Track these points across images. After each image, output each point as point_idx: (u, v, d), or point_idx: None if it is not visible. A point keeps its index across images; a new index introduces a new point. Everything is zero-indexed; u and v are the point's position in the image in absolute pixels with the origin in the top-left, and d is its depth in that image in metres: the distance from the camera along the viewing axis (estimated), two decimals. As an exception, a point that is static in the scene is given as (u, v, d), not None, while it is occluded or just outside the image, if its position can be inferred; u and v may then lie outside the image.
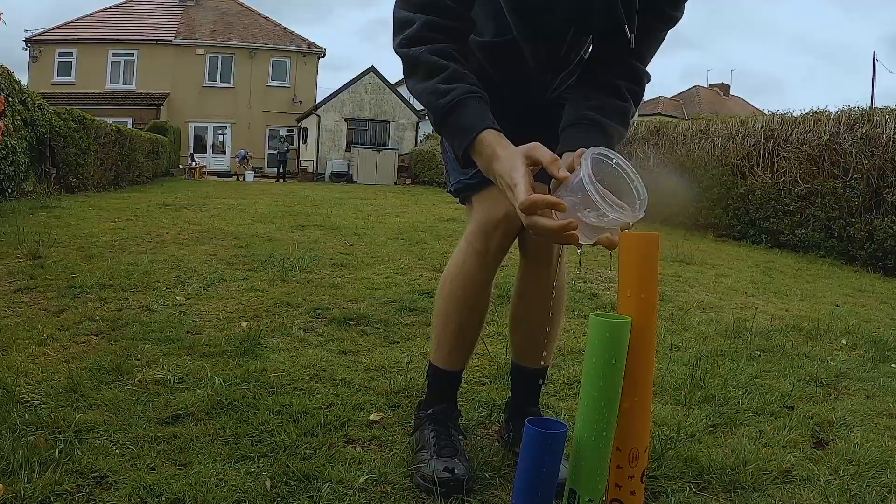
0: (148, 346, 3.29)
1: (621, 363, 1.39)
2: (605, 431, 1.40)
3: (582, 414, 1.40)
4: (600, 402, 1.38)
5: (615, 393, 1.40)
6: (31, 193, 11.27)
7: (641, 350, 1.43)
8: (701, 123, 12.58)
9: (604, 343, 1.37)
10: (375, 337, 3.65)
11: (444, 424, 2.17)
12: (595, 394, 1.38)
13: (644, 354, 1.44)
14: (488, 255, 2.07)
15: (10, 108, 9.75)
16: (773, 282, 6.66)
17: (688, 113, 44.75)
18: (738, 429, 2.63)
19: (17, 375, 2.80)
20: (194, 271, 5.16)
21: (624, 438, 1.45)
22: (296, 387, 2.81)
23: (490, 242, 2.04)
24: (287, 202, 13.05)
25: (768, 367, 3.51)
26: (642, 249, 1.43)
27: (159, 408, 2.51)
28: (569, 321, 4.24)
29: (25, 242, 5.83)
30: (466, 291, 2.14)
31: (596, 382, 1.37)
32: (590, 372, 1.38)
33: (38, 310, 4.01)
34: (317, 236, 7.57)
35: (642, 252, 1.43)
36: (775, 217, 10.32)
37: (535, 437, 1.40)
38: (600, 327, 1.38)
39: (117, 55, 38.41)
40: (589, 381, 1.39)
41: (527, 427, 1.41)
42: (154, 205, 10.96)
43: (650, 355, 1.46)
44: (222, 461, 2.10)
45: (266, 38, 40.99)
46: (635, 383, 1.44)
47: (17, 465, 1.98)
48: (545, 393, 2.89)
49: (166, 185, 19.32)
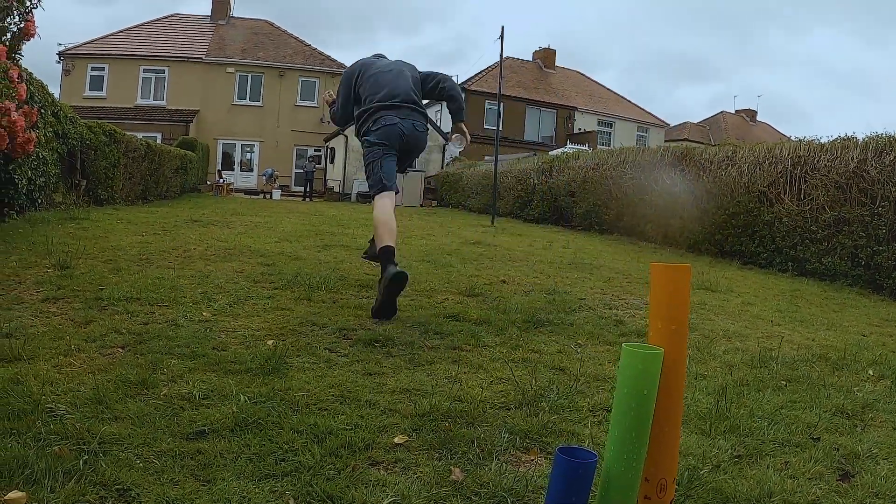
0: (174, 361, 3.30)
1: (652, 394, 1.38)
2: (635, 462, 1.39)
3: (612, 444, 1.39)
4: (631, 433, 1.37)
5: (646, 423, 1.39)
6: (61, 204, 11.36)
7: (672, 381, 1.42)
8: (728, 150, 12.49)
9: (636, 374, 1.37)
10: (400, 359, 3.64)
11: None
12: (626, 424, 1.37)
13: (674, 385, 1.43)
14: None
15: (43, 120, 9.85)
16: (799, 310, 6.58)
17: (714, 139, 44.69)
18: (764, 460, 2.59)
19: (44, 384, 2.82)
20: (221, 288, 5.18)
21: (653, 469, 1.43)
22: (321, 407, 2.81)
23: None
24: (313, 221, 13.08)
25: (794, 398, 3.46)
26: (673, 280, 1.43)
27: (184, 423, 2.52)
28: (593, 347, 4.22)
29: (54, 253, 5.87)
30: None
31: (627, 412, 1.36)
32: (621, 402, 1.37)
33: (64, 320, 4.04)
34: (343, 256, 7.57)
35: (673, 283, 1.43)
36: (802, 245, 10.21)
37: (565, 465, 1.39)
38: (632, 358, 1.37)
39: (148, 71, 38.90)
40: (620, 411, 1.38)
41: (557, 456, 1.40)
42: (181, 220, 11.02)
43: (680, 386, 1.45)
44: (246, 479, 2.10)
45: (295, 58, 41.35)
46: (665, 414, 1.43)
47: (40, 474, 1.99)
48: (569, 419, 2.88)
49: (193, 200, 19.45)
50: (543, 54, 49.14)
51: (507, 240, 11.73)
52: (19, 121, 7.54)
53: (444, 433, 2.57)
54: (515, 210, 20.95)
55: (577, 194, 17.02)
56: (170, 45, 40.11)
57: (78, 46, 38.67)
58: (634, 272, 8.17)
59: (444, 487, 2.16)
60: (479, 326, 4.47)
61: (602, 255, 10.24)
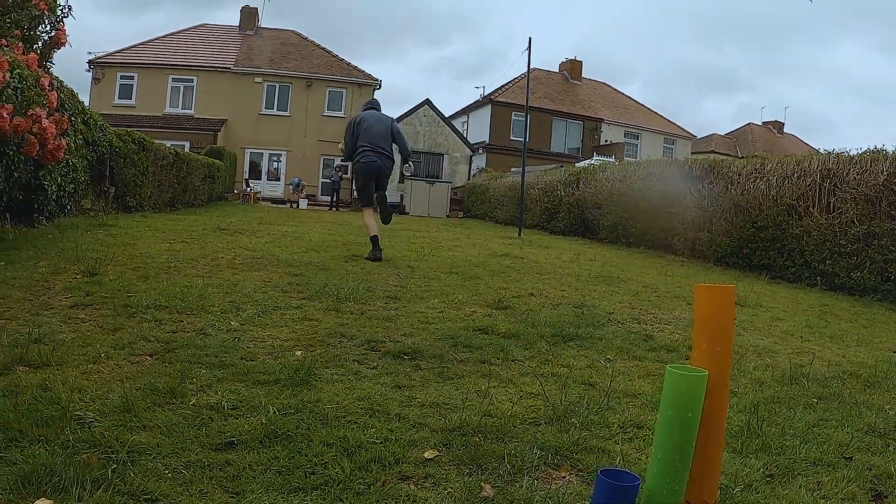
0: (202, 370, 3.29)
1: (696, 417, 1.35)
2: (678, 485, 1.35)
3: (654, 466, 1.36)
4: (674, 456, 1.34)
5: (689, 446, 1.35)
6: (90, 211, 11.45)
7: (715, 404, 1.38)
8: (756, 162, 12.36)
9: (680, 396, 1.33)
10: (430, 372, 3.61)
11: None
12: (669, 447, 1.33)
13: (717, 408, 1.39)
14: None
15: (73, 128, 9.94)
16: (829, 326, 6.49)
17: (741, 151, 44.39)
18: (796, 479, 2.54)
19: (72, 391, 2.83)
20: (249, 297, 5.18)
21: (694, 492, 1.39)
22: (350, 419, 2.78)
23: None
24: (340, 231, 13.09)
25: (826, 416, 3.40)
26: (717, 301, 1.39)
27: (213, 433, 2.51)
28: (623, 363, 4.17)
29: (83, 259, 5.89)
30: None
31: (671, 435, 1.33)
32: (664, 424, 1.34)
33: (93, 327, 4.05)
34: (370, 267, 7.55)
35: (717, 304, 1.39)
36: (831, 259, 10.07)
37: (607, 488, 1.36)
38: (677, 380, 1.34)
39: (177, 80, 39.19)
40: (663, 433, 1.34)
41: (599, 478, 1.37)
42: (209, 228, 11.06)
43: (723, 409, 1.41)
44: (275, 491, 2.08)
45: (323, 69, 41.52)
46: (708, 437, 1.39)
47: (68, 482, 1.99)
48: (599, 436, 2.84)
49: (221, 208, 19.55)
50: (570, 66, 49.03)
51: (535, 252, 11.67)
52: (50, 128, 7.62)
53: (474, 448, 2.54)
54: (542, 222, 20.90)
55: (604, 206, 16.94)
56: (198, 55, 40.41)
57: (108, 55, 39.05)
58: (662, 286, 8.10)
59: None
60: (508, 340, 4.44)
61: (629, 269, 10.16)
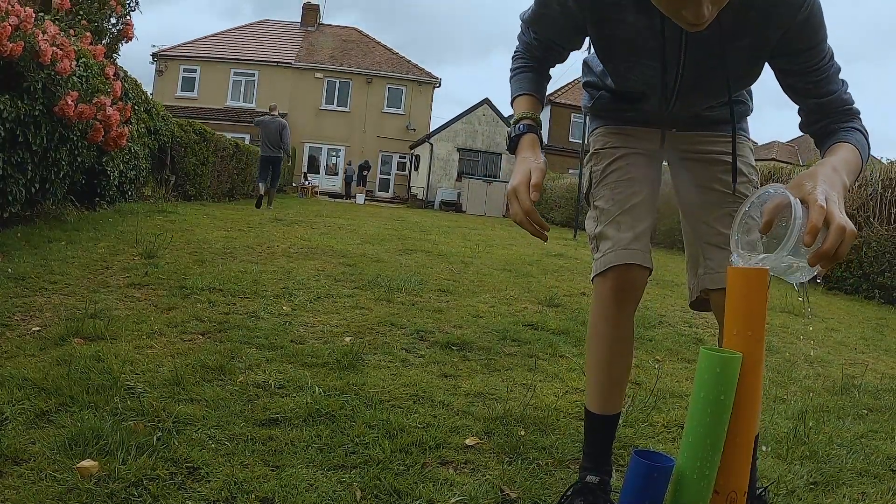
0: (252, 351, 3.34)
1: (730, 400, 1.33)
2: (708, 470, 1.34)
3: (685, 449, 1.34)
4: (706, 440, 1.32)
5: (721, 431, 1.34)
6: (150, 198, 11.70)
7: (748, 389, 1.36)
8: (814, 171, 12.12)
9: (714, 378, 1.31)
10: (477, 363, 3.61)
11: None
12: (701, 430, 1.32)
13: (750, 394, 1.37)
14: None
15: (136, 116, 10.18)
16: (884, 339, 6.35)
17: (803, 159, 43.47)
18: (840, 489, 2.49)
19: (124, 363, 2.90)
20: (302, 284, 5.24)
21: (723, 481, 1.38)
22: (394, 404, 2.80)
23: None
24: (396, 226, 13.17)
25: (875, 427, 3.32)
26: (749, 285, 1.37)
27: (258, 410, 2.54)
28: (672, 364, 4.13)
29: (142, 242, 6.04)
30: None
31: (703, 419, 1.31)
32: (696, 407, 1.32)
33: (148, 305, 4.13)
34: (424, 261, 7.59)
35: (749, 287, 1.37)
36: (890, 272, 9.82)
37: (641, 468, 1.36)
38: (711, 361, 1.32)
39: (239, 74, 39.77)
40: (695, 416, 1.33)
41: (633, 458, 1.37)
42: (266, 218, 11.22)
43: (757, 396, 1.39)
44: (315, 467, 2.10)
45: (383, 66, 41.77)
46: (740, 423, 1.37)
47: (114, 446, 2.04)
48: (643, 434, 2.82)
49: (279, 201, 19.76)
50: (630, 68, 48.55)
51: (589, 253, 11.59)
52: (114, 115, 7.81)
53: (516, 438, 2.54)
54: (598, 225, 20.69)
55: (660, 211, 16.72)
56: (260, 50, 40.93)
57: (172, 48, 39.78)
58: (716, 292, 7.98)
59: (512, 491, 2.13)
60: (558, 336, 4.42)
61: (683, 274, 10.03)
